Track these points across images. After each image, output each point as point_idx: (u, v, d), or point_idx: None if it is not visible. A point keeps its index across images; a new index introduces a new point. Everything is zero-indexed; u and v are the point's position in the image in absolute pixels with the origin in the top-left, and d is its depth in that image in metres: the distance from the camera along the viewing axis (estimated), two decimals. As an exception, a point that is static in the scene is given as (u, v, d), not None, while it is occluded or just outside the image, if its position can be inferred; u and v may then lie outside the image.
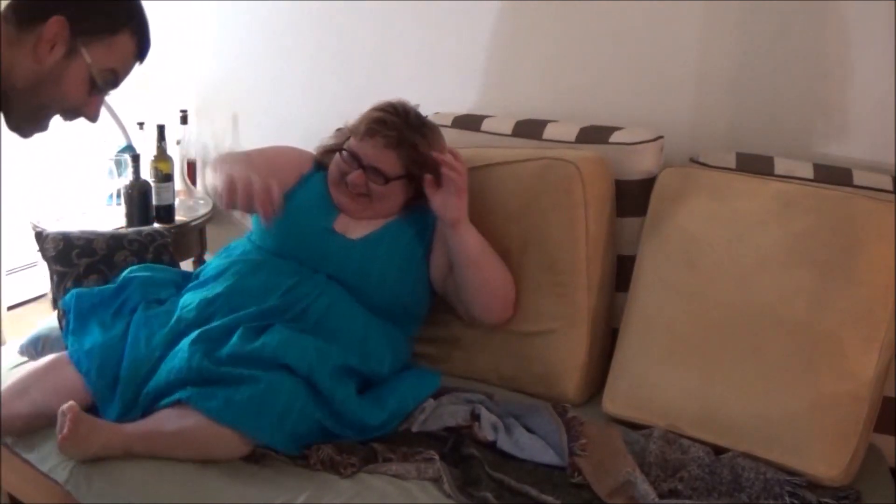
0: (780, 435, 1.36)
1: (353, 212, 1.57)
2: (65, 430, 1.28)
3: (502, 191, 1.60)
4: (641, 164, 1.60)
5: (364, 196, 1.55)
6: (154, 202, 2.16)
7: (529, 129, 1.73)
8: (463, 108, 1.88)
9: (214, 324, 1.42)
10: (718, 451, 1.39)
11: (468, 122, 1.82)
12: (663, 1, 1.67)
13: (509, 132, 1.75)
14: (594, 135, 1.65)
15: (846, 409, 1.33)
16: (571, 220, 1.54)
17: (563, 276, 1.55)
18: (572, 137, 1.66)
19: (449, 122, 1.82)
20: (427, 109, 1.88)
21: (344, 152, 1.56)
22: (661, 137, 1.61)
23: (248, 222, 2.46)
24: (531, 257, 1.57)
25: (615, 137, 1.62)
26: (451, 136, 1.79)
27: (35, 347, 1.63)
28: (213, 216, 2.37)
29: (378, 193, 1.54)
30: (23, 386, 1.41)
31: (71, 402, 1.29)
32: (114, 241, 1.77)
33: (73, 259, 1.72)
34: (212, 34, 2.35)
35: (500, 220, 1.59)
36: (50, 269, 1.73)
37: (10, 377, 1.47)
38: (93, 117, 1.10)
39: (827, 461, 1.33)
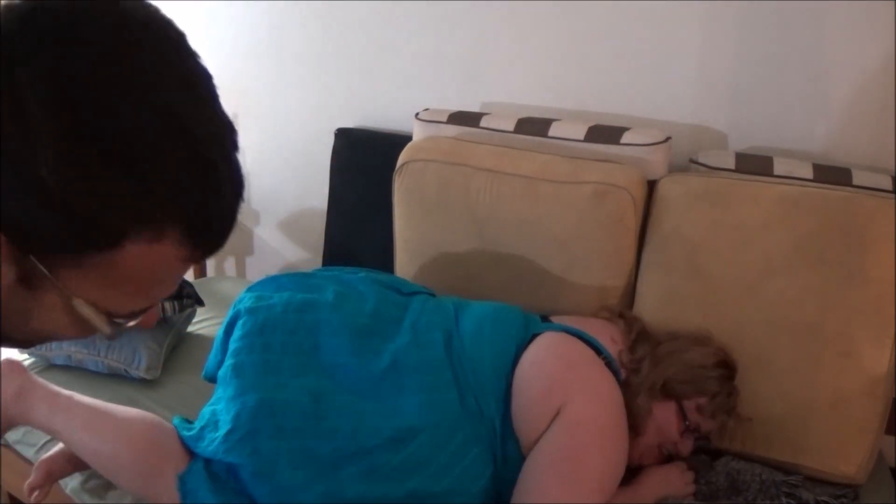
0: (796, 437, 1.37)
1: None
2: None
3: (547, 210, 1.55)
4: (652, 165, 1.59)
5: None
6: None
7: (533, 126, 1.72)
8: (462, 108, 1.88)
9: None
10: (718, 456, 1.40)
11: (466, 119, 1.80)
12: (663, 1, 1.67)
13: (511, 129, 1.73)
14: (604, 135, 1.64)
15: (861, 407, 1.34)
16: (620, 249, 1.53)
17: (610, 301, 1.55)
18: (581, 136, 1.65)
19: (444, 119, 1.81)
20: (424, 108, 1.88)
21: (688, 431, 1.34)
22: (669, 138, 1.60)
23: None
24: (574, 283, 1.56)
25: (626, 138, 1.61)
26: (448, 132, 1.79)
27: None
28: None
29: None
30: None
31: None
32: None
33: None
34: (212, 34, 2.35)
35: (543, 241, 1.57)
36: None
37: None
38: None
39: (846, 459, 1.34)
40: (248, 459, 1.18)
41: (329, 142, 2.09)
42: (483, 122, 1.77)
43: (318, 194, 2.18)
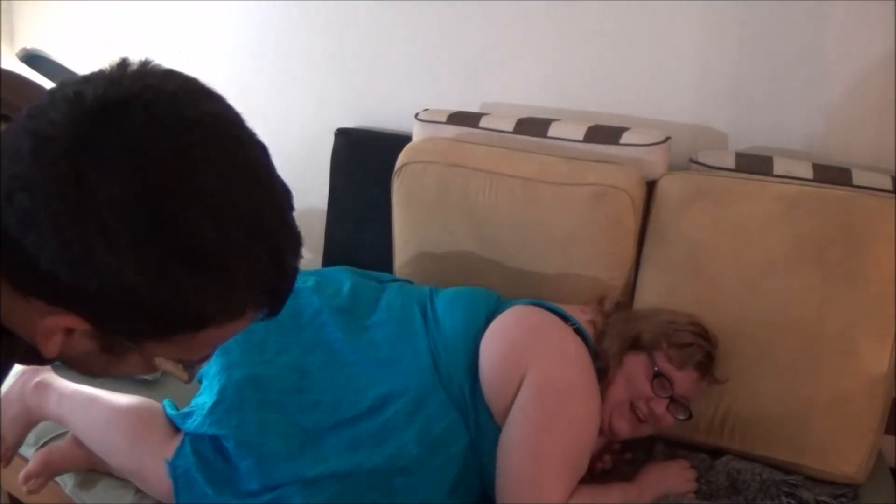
0: (796, 436, 1.37)
1: (622, 436, 1.35)
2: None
3: (546, 211, 1.55)
4: (652, 165, 1.58)
5: (646, 424, 1.34)
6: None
7: (532, 127, 1.71)
8: (462, 108, 1.88)
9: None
10: (718, 455, 1.40)
11: (465, 119, 1.79)
12: (663, 1, 1.67)
13: (511, 129, 1.72)
14: (603, 135, 1.63)
15: (861, 407, 1.34)
16: (619, 250, 1.53)
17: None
18: (580, 136, 1.65)
19: (444, 119, 1.80)
20: (424, 108, 1.88)
21: (658, 377, 1.31)
22: (668, 138, 1.60)
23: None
24: (573, 284, 1.55)
25: (625, 138, 1.60)
26: (447, 132, 1.78)
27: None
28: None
29: (662, 424, 1.33)
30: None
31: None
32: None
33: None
34: (212, 34, 2.35)
35: (542, 243, 1.56)
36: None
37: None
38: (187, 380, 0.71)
39: (845, 459, 1.35)
40: (233, 431, 1.22)
41: (329, 142, 2.09)
42: (482, 123, 1.77)
43: (318, 194, 2.17)
